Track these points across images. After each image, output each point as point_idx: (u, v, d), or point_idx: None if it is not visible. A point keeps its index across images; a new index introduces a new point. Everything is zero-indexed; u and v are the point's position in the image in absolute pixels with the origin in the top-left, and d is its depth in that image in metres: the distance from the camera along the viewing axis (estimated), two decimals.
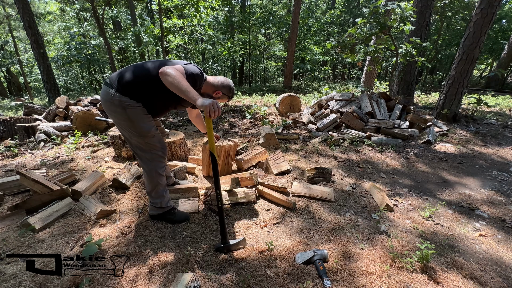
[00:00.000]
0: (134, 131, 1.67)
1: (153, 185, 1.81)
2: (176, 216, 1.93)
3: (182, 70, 1.56)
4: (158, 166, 1.79)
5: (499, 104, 7.84)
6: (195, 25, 10.97)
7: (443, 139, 4.26)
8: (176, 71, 1.47)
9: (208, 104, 1.42)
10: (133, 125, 1.66)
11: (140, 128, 1.68)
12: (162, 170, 1.82)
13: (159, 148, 1.78)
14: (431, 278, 1.48)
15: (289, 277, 1.46)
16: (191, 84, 1.56)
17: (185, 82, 1.46)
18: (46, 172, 2.59)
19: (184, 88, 1.44)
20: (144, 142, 1.72)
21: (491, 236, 1.96)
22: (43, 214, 1.86)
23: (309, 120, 4.94)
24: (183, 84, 1.44)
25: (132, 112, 1.62)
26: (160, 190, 1.84)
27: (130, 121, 1.65)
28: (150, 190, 1.83)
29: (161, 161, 1.82)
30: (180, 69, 1.54)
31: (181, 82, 1.45)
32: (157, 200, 1.86)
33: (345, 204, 2.30)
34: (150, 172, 1.78)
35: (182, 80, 1.46)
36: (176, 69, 1.50)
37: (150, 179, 1.80)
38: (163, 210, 1.89)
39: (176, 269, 1.48)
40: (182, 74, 1.52)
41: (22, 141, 3.94)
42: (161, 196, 1.85)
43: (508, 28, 14.76)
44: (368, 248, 1.71)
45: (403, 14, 4.88)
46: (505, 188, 2.77)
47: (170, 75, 1.44)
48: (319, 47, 15.52)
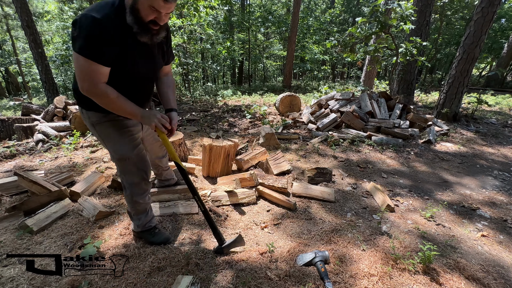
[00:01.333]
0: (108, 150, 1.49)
1: (131, 207, 1.62)
2: (154, 237, 1.70)
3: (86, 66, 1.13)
4: (136, 193, 1.56)
5: (499, 103, 7.83)
6: (194, 25, 10.92)
7: (444, 139, 4.25)
8: (91, 83, 1.16)
9: (155, 121, 1.30)
10: (104, 145, 1.47)
11: (110, 150, 1.46)
12: (141, 197, 1.59)
13: (135, 173, 1.51)
14: (434, 280, 1.47)
15: (290, 279, 1.44)
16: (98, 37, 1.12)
17: (114, 99, 1.21)
18: (44, 173, 2.57)
19: (117, 108, 1.25)
20: (118, 165, 1.51)
21: (493, 236, 1.95)
22: (41, 215, 1.84)
23: (309, 119, 4.93)
24: (116, 105, 1.24)
25: (100, 129, 1.41)
26: (139, 214, 1.65)
27: (101, 140, 1.46)
28: (130, 210, 1.66)
29: (140, 187, 1.57)
30: (84, 69, 1.14)
31: (111, 103, 1.23)
32: (135, 222, 1.68)
33: (346, 205, 2.29)
34: (129, 196, 1.58)
35: (111, 99, 1.21)
36: (85, 74, 1.15)
37: (128, 201, 1.61)
38: (142, 230, 1.69)
39: (175, 271, 1.46)
40: (91, 72, 1.15)
41: (20, 141, 3.91)
42: (139, 219, 1.66)
43: (507, 27, 14.76)
44: (370, 249, 1.70)
45: (403, 13, 4.86)
46: (506, 188, 2.76)
47: (95, 97, 1.21)
48: (319, 46, 15.49)
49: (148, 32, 1.20)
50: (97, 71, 1.16)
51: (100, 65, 1.15)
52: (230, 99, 9.21)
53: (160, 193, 2.16)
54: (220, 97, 9.37)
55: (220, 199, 2.20)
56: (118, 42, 1.18)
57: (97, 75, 1.17)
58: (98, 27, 1.10)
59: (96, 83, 1.18)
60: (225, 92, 10.23)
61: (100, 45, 1.12)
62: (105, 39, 1.13)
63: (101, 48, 1.13)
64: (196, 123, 5.42)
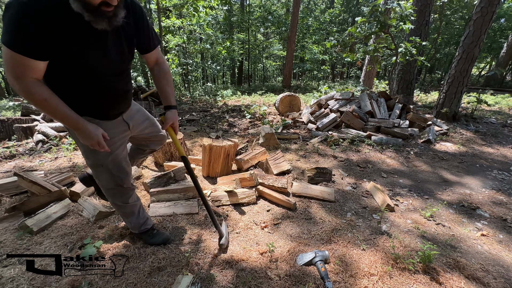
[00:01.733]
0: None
1: (116, 210, 1.56)
2: (153, 238, 1.67)
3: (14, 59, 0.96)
4: (114, 196, 1.49)
5: (498, 103, 7.84)
6: (193, 25, 10.92)
7: (443, 138, 4.26)
8: (17, 78, 0.98)
9: (92, 142, 1.16)
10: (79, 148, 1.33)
11: (83, 154, 1.35)
12: (121, 200, 1.50)
13: (110, 179, 1.40)
14: (434, 279, 1.47)
15: (290, 279, 1.44)
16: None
17: (41, 99, 1.02)
18: (44, 173, 2.57)
19: (48, 110, 1.06)
20: (91, 170, 1.41)
21: (492, 236, 1.95)
22: (41, 216, 1.84)
23: (309, 119, 4.93)
24: (46, 107, 1.05)
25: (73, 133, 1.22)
26: (128, 216, 1.59)
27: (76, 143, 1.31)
28: (117, 213, 1.60)
29: (118, 191, 1.47)
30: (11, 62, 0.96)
31: (40, 104, 1.03)
32: (127, 224, 1.65)
33: (346, 204, 2.29)
34: (109, 200, 1.52)
35: (38, 99, 1.02)
36: (11, 67, 0.97)
37: (111, 204, 1.55)
38: (139, 232, 1.66)
39: (176, 271, 1.46)
40: (18, 66, 0.97)
41: (20, 141, 3.90)
42: (130, 221, 1.61)
43: (507, 27, 14.76)
44: (370, 248, 1.70)
45: (403, 13, 4.87)
46: (505, 187, 2.76)
47: (23, 94, 1.01)
48: (318, 46, 15.50)
49: (102, 17, 1.00)
50: (26, 65, 0.98)
51: (29, 59, 0.97)
52: (229, 99, 9.21)
53: (160, 193, 2.16)
54: (220, 97, 9.37)
55: (220, 199, 2.20)
56: (61, 32, 0.99)
57: (25, 69, 0.98)
58: (32, 15, 0.91)
59: (22, 77, 0.98)
60: (224, 92, 10.23)
61: (34, 36, 0.94)
62: (41, 29, 0.94)
63: (34, 39, 0.95)
64: (196, 123, 5.42)
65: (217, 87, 13.62)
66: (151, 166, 2.93)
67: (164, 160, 2.87)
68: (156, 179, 2.30)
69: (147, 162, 3.02)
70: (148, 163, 2.99)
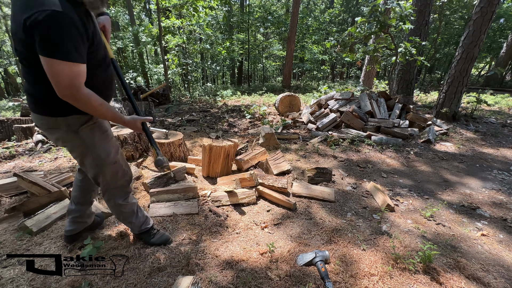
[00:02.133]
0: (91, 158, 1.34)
1: (117, 212, 1.55)
2: (153, 237, 1.67)
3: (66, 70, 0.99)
4: (120, 196, 1.49)
5: (498, 103, 7.84)
6: (193, 25, 10.92)
7: (443, 138, 4.26)
8: (75, 88, 1.03)
9: (139, 124, 1.31)
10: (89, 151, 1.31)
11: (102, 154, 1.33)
12: (124, 200, 1.51)
13: (123, 175, 1.45)
14: (434, 279, 1.47)
15: (291, 279, 1.44)
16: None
17: (99, 103, 1.13)
18: (44, 174, 2.57)
19: (101, 112, 1.16)
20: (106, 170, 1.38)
21: (492, 235, 1.95)
22: (41, 216, 1.83)
23: (309, 119, 4.93)
24: (101, 109, 1.15)
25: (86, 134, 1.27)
26: (128, 217, 1.57)
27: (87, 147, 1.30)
28: (117, 217, 1.58)
29: (125, 190, 1.50)
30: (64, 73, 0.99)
31: (96, 108, 1.13)
32: (128, 225, 1.63)
33: (346, 204, 2.29)
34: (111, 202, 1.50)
35: (95, 104, 1.11)
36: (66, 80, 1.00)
37: (113, 207, 1.53)
38: (139, 232, 1.65)
39: (176, 272, 1.46)
40: (73, 75, 1.01)
41: (19, 142, 3.90)
42: (130, 222, 1.59)
43: (506, 26, 14.77)
44: (370, 249, 1.70)
45: (403, 13, 4.87)
46: (505, 187, 2.76)
47: (80, 103, 1.08)
48: (318, 46, 15.50)
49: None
50: (79, 73, 1.03)
51: (81, 64, 1.03)
52: (229, 99, 9.21)
53: (160, 193, 2.16)
54: (220, 97, 9.37)
55: (220, 199, 2.20)
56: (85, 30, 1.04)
57: (79, 77, 1.03)
58: (68, 22, 0.95)
59: (81, 86, 1.05)
60: (224, 92, 10.23)
61: (75, 41, 0.99)
62: (77, 33, 0.99)
63: (76, 44, 1.00)
64: (196, 123, 5.42)
65: (217, 87, 13.62)
66: (151, 167, 2.93)
67: None
68: (156, 179, 2.29)
69: (147, 162, 3.01)
70: (148, 163, 2.99)
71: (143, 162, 2.99)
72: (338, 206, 2.25)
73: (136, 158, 3.10)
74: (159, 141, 2.78)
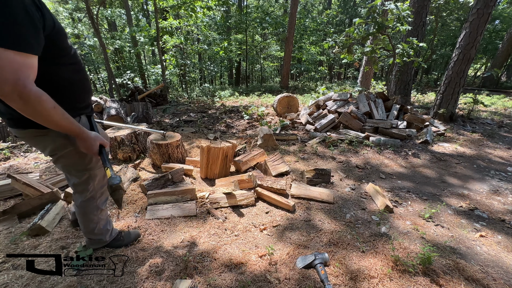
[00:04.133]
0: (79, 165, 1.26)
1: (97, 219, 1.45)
2: (124, 240, 1.65)
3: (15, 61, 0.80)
4: (103, 201, 1.46)
5: (494, 103, 7.91)
6: (191, 25, 10.89)
7: (441, 139, 4.28)
8: (22, 84, 0.81)
9: (96, 148, 1.12)
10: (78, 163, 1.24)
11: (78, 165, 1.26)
12: (104, 204, 1.48)
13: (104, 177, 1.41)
14: (433, 281, 1.47)
15: (290, 282, 1.42)
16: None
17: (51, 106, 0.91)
18: (39, 175, 2.53)
19: (52, 118, 0.93)
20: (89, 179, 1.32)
21: (491, 237, 1.95)
22: (49, 217, 1.81)
23: (307, 120, 4.93)
24: (53, 114, 0.93)
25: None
26: (105, 223, 1.52)
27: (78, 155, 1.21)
28: (92, 228, 1.46)
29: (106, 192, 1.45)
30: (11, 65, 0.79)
31: (46, 111, 0.90)
32: (101, 237, 1.53)
33: (345, 206, 2.28)
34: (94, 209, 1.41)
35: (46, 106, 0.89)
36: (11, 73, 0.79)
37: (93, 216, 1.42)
38: (110, 238, 1.60)
39: (174, 275, 1.44)
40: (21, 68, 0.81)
41: (14, 143, 3.85)
42: (105, 230, 1.53)
43: (502, 28, 14.93)
44: (369, 251, 1.69)
45: (400, 14, 4.89)
46: (503, 187, 2.77)
47: (26, 103, 0.85)
48: (316, 47, 15.54)
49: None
50: (26, 64, 0.83)
51: (30, 55, 0.84)
52: (227, 100, 9.19)
53: (158, 195, 2.13)
54: (218, 98, 9.35)
55: (219, 201, 2.18)
56: (40, 14, 0.86)
57: (26, 69, 0.83)
58: (15, 2, 0.78)
59: (28, 82, 0.83)
60: (222, 93, 10.21)
61: (24, 26, 0.80)
62: (27, 16, 0.81)
63: (25, 30, 0.81)
64: (194, 124, 5.40)
65: (215, 88, 13.59)
66: (149, 168, 2.90)
67: (161, 162, 2.84)
68: (154, 181, 2.27)
69: (145, 164, 2.99)
70: (146, 165, 2.96)
71: (140, 164, 2.96)
72: (337, 208, 2.24)
73: (134, 159, 3.07)
74: (157, 143, 2.75)
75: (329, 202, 2.30)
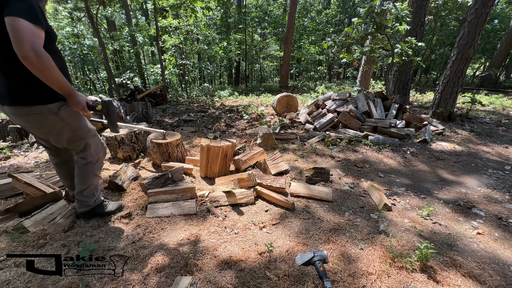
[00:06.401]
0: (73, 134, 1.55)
1: (90, 182, 1.74)
2: (107, 207, 1.89)
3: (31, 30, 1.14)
4: (98, 166, 1.75)
5: (492, 103, 7.94)
6: (190, 25, 10.89)
7: (439, 138, 4.30)
8: (36, 45, 1.14)
9: (82, 105, 1.42)
10: (70, 129, 1.52)
11: (84, 128, 1.58)
12: (99, 169, 1.78)
13: (101, 145, 1.73)
14: (431, 277, 1.49)
15: (289, 279, 1.44)
16: None
17: (52, 65, 1.23)
18: (39, 174, 2.54)
19: (53, 76, 1.25)
20: (89, 143, 1.63)
21: (488, 234, 1.97)
22: (38, 217, 1.81)
23: (306, 120, 4.94)
24: (53, 72, 1.24)
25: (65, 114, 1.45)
26: (95, 187, 1.80)
27: (68, 125, 1.50)
28: (86, 186, 1.73)
29: (102, 160, 1.78)
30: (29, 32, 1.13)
31: (50, 69, 1.22)
32: (91, 198, 1.79)
33: (344, 204, 2.30)
34: (90, 172, 1.70)
35: (50, 64, 1.21)
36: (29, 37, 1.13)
37: (88, 178, 1.71)
38: (95, 204, 1.82)
39: (174, 272, 1.46)
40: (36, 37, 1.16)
41: (15, 143, 3.85)
42: (92, 195, 1.79)
43: (500, 28, 14.97)
44: (368, 248, 1.71)
45: (399, 14, 4.91)
46: (500, 186, 2.80)
47: (39, 59, 1.17)
48: (315, 47, 15.56)
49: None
50: (40, 35, 1.17)
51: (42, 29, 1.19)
52: (227, 100, 9.21)
53: (158, 193, 2.15)
54: (217, 97, 9.36)
55: (218, 199, 2.20)
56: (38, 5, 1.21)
57: (40, 39, 1.17)
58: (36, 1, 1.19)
59: (40, 45, 1.16)
60: (222, 92, 10.22)
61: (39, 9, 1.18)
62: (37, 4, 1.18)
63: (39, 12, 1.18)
64: (194, 123, 5.41)
65: (214, 88, 13.60)
66: (149, 167, 2.92)
67: (161, 161, 2.86)
68: (154, 180, 2.28)
69: (145, 163, 3.00)
70: (146, 164, 2.98)
71: (140, 163, 2.97)
72: (336, 206, 2.26)
73: (134, 158, 3.08)
74: (157, 142, 2.76)
75: (328, 200, 2.32)
